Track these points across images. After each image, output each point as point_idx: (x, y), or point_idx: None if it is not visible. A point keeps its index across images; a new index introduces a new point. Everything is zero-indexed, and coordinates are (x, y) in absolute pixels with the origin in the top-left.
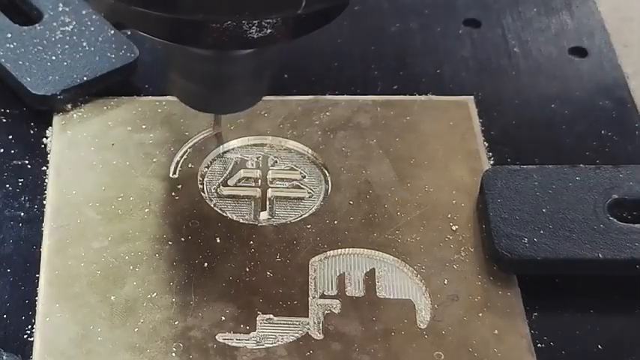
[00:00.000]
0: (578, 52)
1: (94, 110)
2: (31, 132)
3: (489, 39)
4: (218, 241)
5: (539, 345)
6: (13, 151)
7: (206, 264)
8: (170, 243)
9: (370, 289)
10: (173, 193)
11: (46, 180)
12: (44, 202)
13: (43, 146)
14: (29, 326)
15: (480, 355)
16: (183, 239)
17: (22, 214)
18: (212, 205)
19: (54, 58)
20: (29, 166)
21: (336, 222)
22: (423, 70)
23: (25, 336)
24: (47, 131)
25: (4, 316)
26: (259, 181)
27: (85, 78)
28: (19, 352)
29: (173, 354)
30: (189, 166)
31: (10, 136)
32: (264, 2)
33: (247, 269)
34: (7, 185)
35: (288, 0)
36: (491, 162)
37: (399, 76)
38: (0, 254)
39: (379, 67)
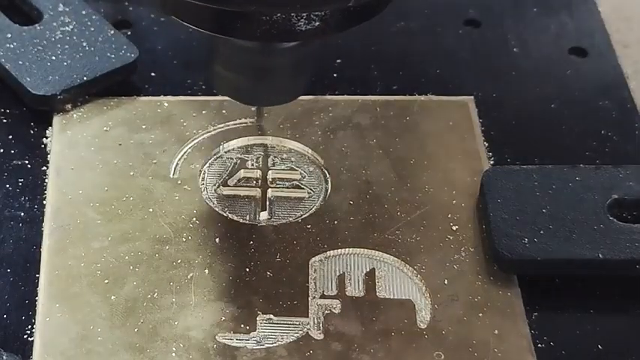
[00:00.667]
0: (578, 52)
1: (94, 110)
2: (31, 132)
3: (489, 39)
4: (218, 241)
5: (539, 345)
6: (13, 151)
7: (206, 264)
8: (170, 243)
9: (370, 289)
10: (173, 193)
11: (46, 180)
12: (44, 202)
13: (43, 146)
14: (29, 326)
15: (480, 355)
16: (183, 239)
17: (22, 214)
18: (212, 205)
19: (54, 58)
20: (29, 166)
21: (336, 222)
22: (423, 70)
23: (25, 336)
24: (47, 131)
25: (4, 316)
26: (259, 181)
27: (85, 78)
28: (19, 352)
29: (173, 354)
30: (189, 166)
31: (10, 136)
32: None
33: (247, 269)
34: (7, 185)
35: None
36: (491, 162)
37: (399, 76)
38: (0, 254)
39: (379, 67)
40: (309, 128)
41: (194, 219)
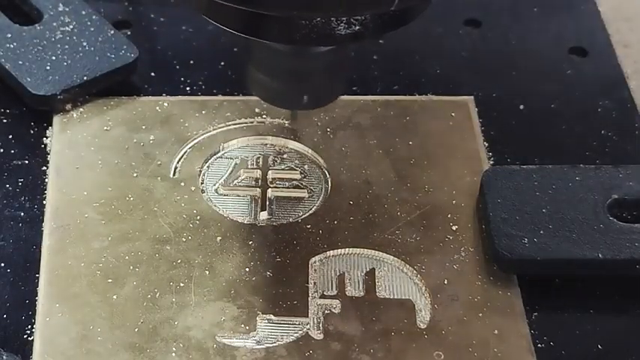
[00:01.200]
0: (578, 52)
1: (94, 110)
2: (31, 132)
3: (489, 39)
4: (218, 241)
5: (539, 345)
6: (13, 151)
7: (206, 264)
8: (170, 243)
9: (370, 289)
10: (173, 193)
11: (46, 180)
12: (44, 202)
13: (43, 146)
14: (29, 326)
15: (480, 355)
16: (183, 239)
17: (22, 214)
18: (212, 205)
19: (54, 58)
20: (29, 166)
21: (336, 222)
22: (423, 70)
23: (25, 336)
24: (47, 131)
25: (4, 316)
26: (259, 181)
27: (85, 78)
28: (19, 352)
29: (173, 354)
30: (189, 166)
31: (10, 136)
32: None
33: (247, 269)
34: (7, 185)
35: None
36: (491, 162)
37: (399, 76)
38: (0, 254)
39: (379, 67)
40: (309, 128)
41: (194, 219)
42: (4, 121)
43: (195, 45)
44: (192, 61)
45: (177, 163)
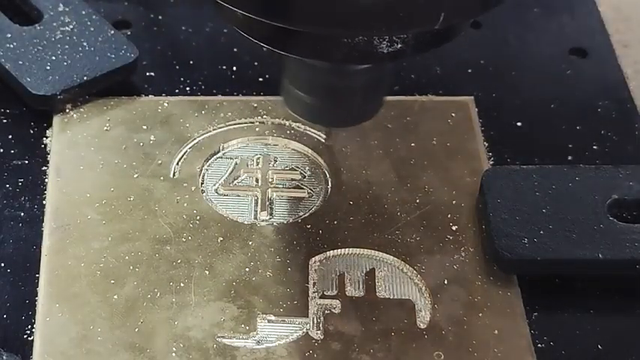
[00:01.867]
0: (578, 52)
1: (94, 110)
2: (31, 132)
3: (489, 39)
4: (218, 241)
5: (539, 345)
6: (13, 151)
7: (206, 264)
8: (170, 243)
9: (370, 289)
10: (173, 193)
11: (46, 180)
12: (44, 202)
13: (43, 146)
14: (29, 326)
15: (480, 355)
16: (183, 239)
17: (22, 214)
18: (212, 205)
19: (54, 58)
20: (29, 166)
21: (336, 222)
22: (423, 70)
23: (25, 336)
24: (47, 131)
25: (4, 316)
26: (259, 181)
27: (85, 78)
28: (19, 352)
29: (173, 354)
30: (190, 166)
31: (10, 136)
32: (401, 17)
33: (247, 269)
34: (7, 185)
35: (426, 15)
36: (491, 162)
37: (399, 76)
38: (0, 254)
39: None
40: (309, 128)
41: (194, 219)
42: (4, 121)
43: (195, 45)
44: (192, 61)
45: (177, 163)
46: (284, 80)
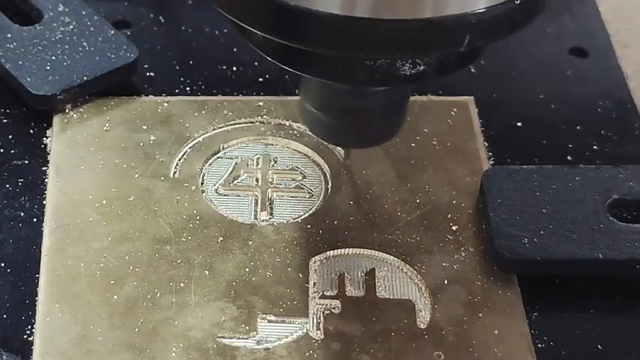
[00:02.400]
0: (578, 53)
1: (94, 110)
2: (31, 132)
3: None
4: (218, 241)
5: (539, 345)
6: (13, 151)
7: (206, 264)
8: (170, 243)
9: (370, 289)
10: (173, 193)
11: (46, 180)
12: (44, 202)
13: (43, 146)
14: (29, 326)
15: (480, 355)
16: (183, 239)
17: (22, 214)
18: (212, 205)
19: (54, 58)
20: (29, 166)
21: (336, 222)
22: None
23: (25, 336)
24: (47, 131)
25: (4, 316)
26: (259, 181)
27: (85, 78)
28: (19, 352)
29: (173, 354)
30: (190, 166)
31: (10, 136)
32: (426, 40)
33: (247, 269)
34: (7, 185)
35: (451, 38)
36: (491, 162)
37: None
38: (0, 254)
39: None
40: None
41: (194, 219)
42: (4, 121)
43: (195, 45)
44: (192, 61)
45: (177, 163)
46: (302, 99)
